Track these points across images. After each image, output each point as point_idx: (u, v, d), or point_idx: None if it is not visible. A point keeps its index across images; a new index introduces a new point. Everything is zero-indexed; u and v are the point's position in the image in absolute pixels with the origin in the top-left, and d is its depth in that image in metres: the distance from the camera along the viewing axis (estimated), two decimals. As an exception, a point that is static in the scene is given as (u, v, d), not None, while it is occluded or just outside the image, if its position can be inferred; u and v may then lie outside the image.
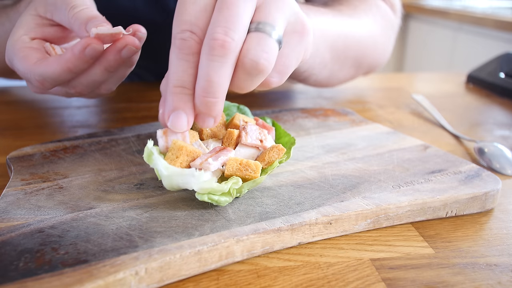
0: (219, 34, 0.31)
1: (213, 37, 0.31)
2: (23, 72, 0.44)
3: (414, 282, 0.30)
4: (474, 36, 2.09)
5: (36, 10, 0.46)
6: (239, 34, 0.31)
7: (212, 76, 0.31)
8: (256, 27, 0.33)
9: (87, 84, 0.45)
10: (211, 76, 0.31)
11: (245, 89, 0.34)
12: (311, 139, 0.50)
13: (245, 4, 0.32)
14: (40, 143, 0.47)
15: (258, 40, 0.32)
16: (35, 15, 0.46)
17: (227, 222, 0.33)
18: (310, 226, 0.33)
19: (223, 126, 0.41)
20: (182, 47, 0.32)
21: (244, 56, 0.32)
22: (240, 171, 0.35)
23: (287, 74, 0.36)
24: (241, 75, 0.33)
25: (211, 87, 0.31)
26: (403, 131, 0.57)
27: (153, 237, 0.31)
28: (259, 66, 0.32)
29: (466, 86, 0.85)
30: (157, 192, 0.37)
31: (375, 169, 0.42)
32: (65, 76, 0.42)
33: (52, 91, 0.47)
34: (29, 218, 0.33)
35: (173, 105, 0.33)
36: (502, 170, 0.47)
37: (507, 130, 0.61)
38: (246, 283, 0.30)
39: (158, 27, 0.74)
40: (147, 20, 0.72)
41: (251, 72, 0.32)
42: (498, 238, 0.36)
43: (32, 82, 0.44)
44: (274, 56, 0.33)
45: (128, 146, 0.47)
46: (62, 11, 0.44)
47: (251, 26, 0.33)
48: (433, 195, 0.38)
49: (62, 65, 0.41)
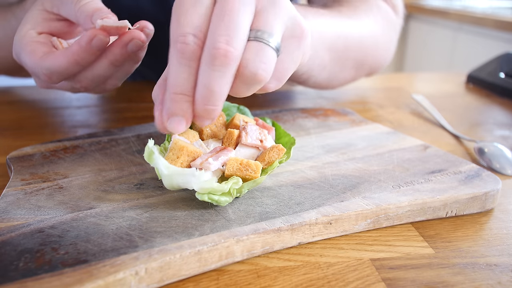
0: (221, 44, 0.30)
1: (215, 46, 0.31)
2: (30, 66, 0.44)
3: (414, 282, 0.30)
4: (474, 36, 2.09)
5: (43, 5, 0.47)
6: (240, 43, 0.31)
7: (213, 86, 0.31)
8: (255, 35, 0.32)
9: (92, 78, 0.45)
10: (212, 85, 0.31)
11: (242, 95, 0.34)
12: (311, 139, 0.50)
13: (245, 10, 0.32)
14: (40, 143, 0.47)
15: (257, 51, 0.32)
16: (42, 10, 0.47)
17: (227, 222, 0.33)
18: (310, 226, 0.33)
19: (223, 126, 0.41)
20: (184, 51, 0.32)
21: (243, 67, 0.32)
22: (240, 171, 0.35)
23: (285, 79, 0.36)
24: (240, 84, 0.33)
25: (211, 96, 0.31)
26: (403, 131, 0.57)
27: (153, 237, 0.31)
28: (257, 77, 0.32)
29: (466, 86, 0.85)
30: (157, 192, 0.37)
31: (375, 169, 0.42)
32: (72, 69, 0.42)
33: (58, 86, 0.48)
34: (29, 218, 0.33)
35: (173, 111, 0.33)
36: (502, 170, 0.47)
37: (507, 130, 0.61)
38: (246, 283, 0.30)
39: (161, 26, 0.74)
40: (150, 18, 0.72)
41: (249, 82, 0.32)
42: (498, 238, 0.36)
43: (40, 76, 0.44)
44: (272, 66, 0.33)
45: (128, 146, 0.47)
46: (69, 5, 0.45)
47: (250, 33, 0.33)
48: (433, 195, 0.38)
49: (69, 58, 0.41)
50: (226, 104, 0.46)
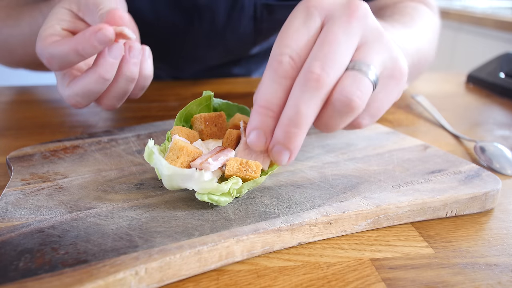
0: (316, 68, 0.31)
1: (310, 70, 0.31)
2: (38, 51, 0.45)
3: (414, 282, 0.30)
4: (474, 36, 2.09)
5: (70, 6, 0.47)
6: (335, 71, 0.32)
7: (301, 107, 0.31)
8: (353, 66, 0.33)
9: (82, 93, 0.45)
10: (300, 106, 0.31)
11: (331, 127, 0.34)
12: (311, 139, 0.50)
13: (347, 42, 0.32)
14: (40, 143, 0.47)
15: (353, 78, 0.32)
16: (69, 10, 0.47)
17: (227, 222, 0.33)
18: (310, 226, 0.33)
19: (223, 126, 0.41)
20: (277, 69, 0.32)
21: (337, 92, 0.32)
22: (241, 171, 0.35)
23: (379, 116, 0.36)
24: (331, 111, 0.33)
25: (297, 117, 0.31)
26: (403, 131, 0.57)
27: (153, 237, 0.31)
28: (351, 103, 0.32)
29: (466, 86, 0.85)
30: (157, 192, 0.37)
31: (375, 169, 0.42)
32: (71, 58, 0.42)
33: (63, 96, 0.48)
34: (29, 218, 0.33)
35: (255, 124, 0.33)
36: (502, 170, 0.47)
37: (507, 130, 0.61)
38: (246, 283, 0.30)
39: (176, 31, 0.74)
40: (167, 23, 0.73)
41: (341, 109, 0.32)
42: (498, 238, 0.36)
43: (43, 60, 0.45)
44: (368, 96, 0.33)
45: (128, 146, 0.47)
46: (93, 12, 0.45)
47: (349, 64, 0.33)
48: (433, 195, 0.38)
49: (71, 45, 0.41)
50: (226, 104, 0.46)
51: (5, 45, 0.64)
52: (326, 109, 0.33)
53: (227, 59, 0.87)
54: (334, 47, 0.32)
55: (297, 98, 0.31)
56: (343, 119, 0.33)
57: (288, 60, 0.32)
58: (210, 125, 0.40)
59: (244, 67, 0.93)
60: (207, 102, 0.43)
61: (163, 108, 0.67)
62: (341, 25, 0.32)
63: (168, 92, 0.76)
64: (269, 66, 0.33)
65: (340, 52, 0.32)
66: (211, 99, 0.44)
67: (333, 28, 0.32)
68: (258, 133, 0.33)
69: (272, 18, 0.76)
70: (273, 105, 0.32)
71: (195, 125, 0.41)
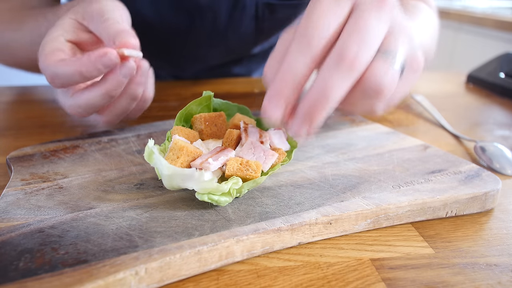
0: (351, 51, 0.31)
1: (344, 51, 0.31)
2: (41, 66, 0.45)
3: (414, 282, 0.30)
4: (474, 36, 2.09)
5: (75, 15, 0.48)
6: (367, 56, 0.32)
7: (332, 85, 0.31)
8: (384, 53, 0.33)
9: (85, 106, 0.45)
10: (331, 84, 0.31)
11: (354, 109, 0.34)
12: (311, 139, 0.50)
13: (379, 29, 0.32)
14: (40, 143, 0.47)
15: (384, 65, 0.32)
16: (74, 20, 0.48)
17: (227, 222, 0.33)
18: (310, 226, 0.33)
19: (223, 126, 0.41)
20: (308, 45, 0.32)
21: (368, 77, 0.32)
22: (241, 171, 0.35)
23: (393, 104, 0.36)
24: (359, 94, 0.33)
25: (327, 93, 0.31)
26: (403, 131, 0.57)
27: (153, 237, 0.31)
28: (382, 89, 0.32)
29: (466, 86, 0.85)
30: (157, 192, 0.37)
31: (375, 169, 0.42)
32: (75, 78, 0.42)
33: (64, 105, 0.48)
34: (29, 218, 0.33)
35: (277, 90, 0.32)
36: (502, 170, 0.47)
37: (507, 130, 0.61)
38: (246, 283, 0.30)
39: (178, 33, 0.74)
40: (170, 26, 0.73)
41: (370, 94, 0.32)
42: (498, 238, 0.36)
43: (46, 77, 0.45)
44: (395, 84, 0.33)
45: (128, 146, 0.47)
46: (97, 21, 0.46)
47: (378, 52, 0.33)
48: (433, 195, 0.38)
49: (76, 67, 0.41)
50: (226, 104, 0.46)
51: (7, 48, 0.64)
52: (354, 91, 0.33)
53: (229, 58, 0.87)
54: (367, 32, 0.32)
55: (329, 77, 0.31)
56: (368, 103, 0.34)
57: (319, 38, 0.32)
58: (210, 125, 0.40)
59: (245, 66, 0.93)
60: (207, 102, 0.43)
61: (163, 108, 0.67)
62: (373, 11, 0.32)
63: (168, 92, 0.76)
64: (298, 41, 0.32)
65: (373, 37, 0.32)
66: (211, 99, 0.44)
67: (365, 13, 0.32)
68: (278, 101, 0.32)
69: (273, 17, 0.76)
70: (298, 76, 0.32)
71: (195, 125, 0.41)
